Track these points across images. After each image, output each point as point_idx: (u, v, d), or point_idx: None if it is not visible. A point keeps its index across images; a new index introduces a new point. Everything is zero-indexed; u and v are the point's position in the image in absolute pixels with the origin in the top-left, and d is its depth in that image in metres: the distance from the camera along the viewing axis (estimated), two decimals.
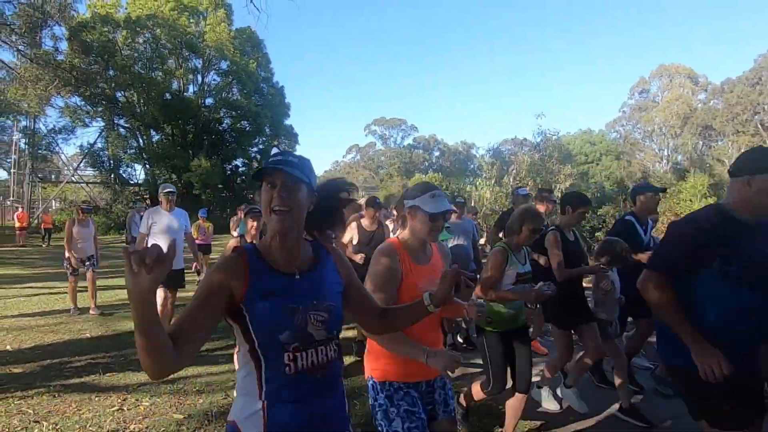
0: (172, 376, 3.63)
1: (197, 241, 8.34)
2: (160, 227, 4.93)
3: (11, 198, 26.25)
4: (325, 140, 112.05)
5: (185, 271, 5.42)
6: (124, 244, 11.37)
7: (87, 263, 6.52)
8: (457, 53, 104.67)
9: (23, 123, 24.63)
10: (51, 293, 8.09)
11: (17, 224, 18.18)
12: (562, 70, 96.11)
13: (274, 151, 1.33)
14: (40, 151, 25.18)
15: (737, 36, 70.41)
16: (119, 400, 3.54)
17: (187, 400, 3.59)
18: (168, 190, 5.09)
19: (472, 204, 16.10)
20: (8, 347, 4.84)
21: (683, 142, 43.54)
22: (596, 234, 13.59)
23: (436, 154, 62.32)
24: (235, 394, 3.25)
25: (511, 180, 16.54)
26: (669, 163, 44.15)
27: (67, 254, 6.33)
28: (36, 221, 23.23)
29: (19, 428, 3.07)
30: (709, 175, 24.56)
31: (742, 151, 2.35)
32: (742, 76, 41.68)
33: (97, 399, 3.56)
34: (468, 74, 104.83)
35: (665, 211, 13.52)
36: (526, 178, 16.10)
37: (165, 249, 2.23)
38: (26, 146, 25.12)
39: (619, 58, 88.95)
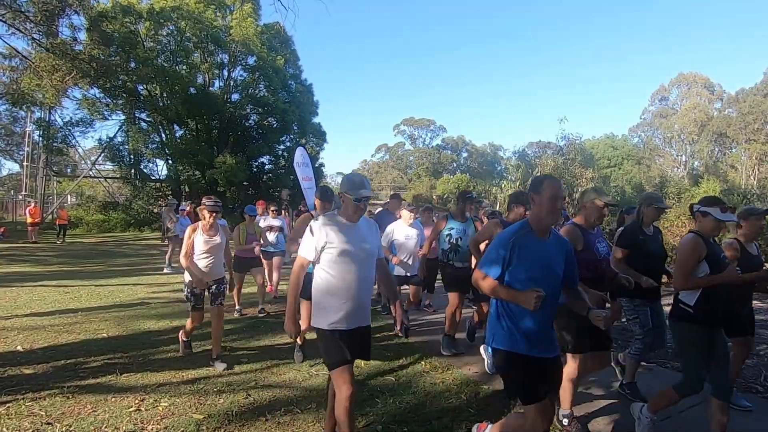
0: (192, 375, 3.61)
1: (244, 254, 6.67)
2: (346, 247, 2.75)
3: (23, 192, 26.92)
4: (354, 139, 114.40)
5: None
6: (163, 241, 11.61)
7: (212, 290, 4.55)
8: (487, 55, 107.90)
9: (37, 114, 24.89)
10: (65, 292, 8.08)
11: (29, 219, 18.13)
12: (589, 74, 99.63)
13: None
14: (55, 144, 25.25)
15: (753, 46, 77.16)
16: (137, 401, 3.52)
17: (207, 400, 3.60)
18: (363, 195, 2.81)
19: (497, 206, 16.31)
20: (19, 347, 4.84)
21: (699, 149, 47.97)
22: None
23: (464, 155, 63.97)
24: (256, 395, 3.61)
25: None
26: (686, 169, 48.03)
27: (187, 277, 4.44)
28: (50, 216, 23.77)
29: (30, 430, 3.03)
30: (722, 181, 25.12)
31: (753, 158, 2.55)
32: (754, 87, 46.62)
33: (113, 400, 3.53)
34: (497, 76, 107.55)
35: (680, 216, 13.71)
36: None
37: (354, 280, 2.80)
38: (40, 138, 25.41)
39: (643, 64, 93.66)
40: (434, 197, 44.83)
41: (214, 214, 4.49)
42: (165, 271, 10.69)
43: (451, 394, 3.85)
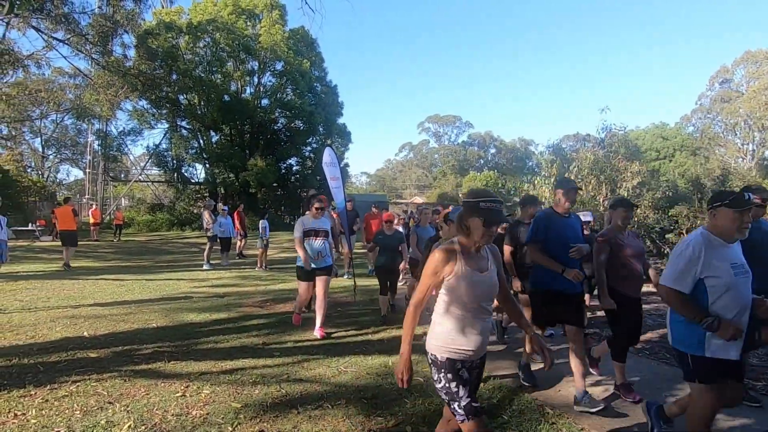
0: (230, 366, 3.92)
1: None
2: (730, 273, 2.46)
3: (87, 196, 28.62)
4: (378, 138, 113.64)
5: None
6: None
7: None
8: (514, 46, 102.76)
9: (96, 126, 26.93)
10: (121, 285, 8.74)
11: (91, 220, 19.77)
12: (631, 61, 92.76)
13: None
14: (111, 152, 27.36)
15: None
16: (182, 387, 3.78)
17: (244, 390, 3.76)
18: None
19: None
20: (85, 333, 5.32)
21: None
22: (667, 236, 12.73)
23: (492, 151, 61.34)
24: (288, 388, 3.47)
25: (573, 178, 15.79)
26: (754, 159, 40.99)
27: (440, 350, 2.22)
28: (108, 217, 25.18)
29: (95, 408, 3.36)
30: None
31: None
32: None
33: (162, 385, 3.82)
34: (526, 68, 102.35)
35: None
36: (589, 176, 15.32)
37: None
38: (99, 147, 27.33)
39: (696, 48, 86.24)
40: (461, 195, 43.64)
41: (495, 228, 2.25)
42: (204, 267, 11.23)
43: (482, 399, 3.61)
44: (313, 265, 5.33)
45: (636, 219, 13.70)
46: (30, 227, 19.21)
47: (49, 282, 8.64)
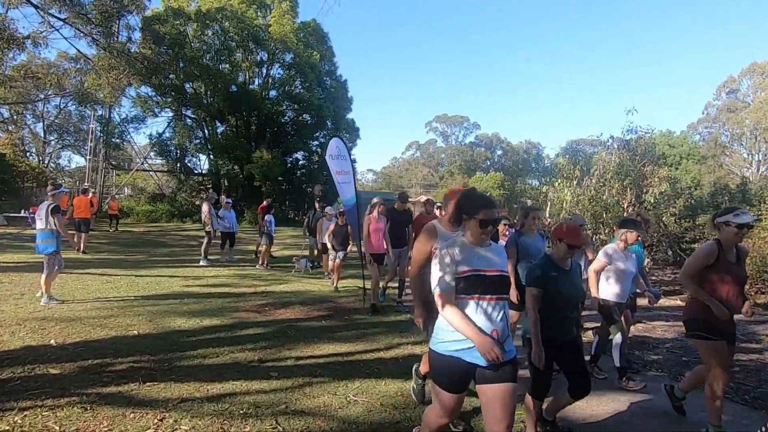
0: (217, 390, 2.55)
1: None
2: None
3: (86, 183, 28.01)
4: (385, 136, 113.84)
5: None
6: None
7: None
8: (523, 50, 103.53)
9: (99, 112, 26.22)
10: (107, 282, 8.00)
11: None
12: (637, 68, 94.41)
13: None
14: (113, 140, 26.58)
15: None
16: (156, 420, 3.07)
17: (231, 427, 3.06)
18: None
19: (548, 208, 14.96)
20: (52, 341, 4.57)
21: None
22: (694, 246, 11.95)
23: (499, 152, 61.72)
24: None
25: (594, 182, 15.15)
26: (760, 169, 41.69)
27: None
28: (105, 207, 24.56)
29: None
30: None
31: None
32: None
33: (132, 415, 3.11)
34: (533, 72, 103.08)
35: None
36: (612, 180, 14.65)
37: None
38: (101, 134, 26.64)
39: (703, 57, 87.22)
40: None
41: None
42: (201, 264, 10.50)
43: None
44: (474, 361, 2.16)
45: (661, 228, 12.95)
46: (23, 214, 18.59)
47: (27, 275, 7.83)
